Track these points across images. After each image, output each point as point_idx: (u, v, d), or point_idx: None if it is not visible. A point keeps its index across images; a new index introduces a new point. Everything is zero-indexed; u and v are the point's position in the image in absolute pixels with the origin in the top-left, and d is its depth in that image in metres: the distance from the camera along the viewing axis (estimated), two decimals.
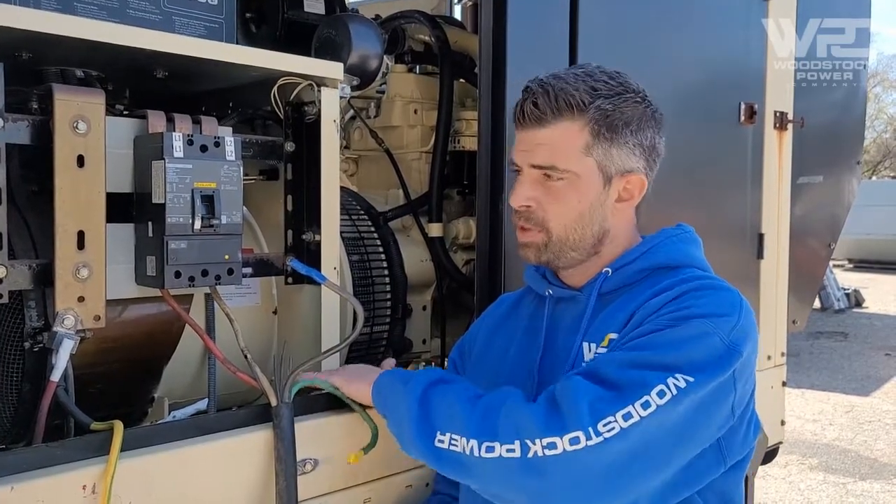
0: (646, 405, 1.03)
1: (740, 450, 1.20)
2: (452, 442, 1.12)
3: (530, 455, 1.04)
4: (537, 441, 1.04)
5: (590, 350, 1.21)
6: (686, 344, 1.08)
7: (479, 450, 1.08)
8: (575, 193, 1.21)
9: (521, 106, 1.22)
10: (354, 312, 1.74)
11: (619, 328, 1.18)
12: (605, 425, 1.02)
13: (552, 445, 1.03)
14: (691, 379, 1.05)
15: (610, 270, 1.25)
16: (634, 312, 1.18)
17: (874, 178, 24.63)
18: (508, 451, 1.06)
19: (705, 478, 1.16)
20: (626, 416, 1.03)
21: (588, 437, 1.02)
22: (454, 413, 1.13)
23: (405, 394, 1.20)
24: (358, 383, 1.32)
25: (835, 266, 14.40)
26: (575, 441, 1.02)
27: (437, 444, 1.13)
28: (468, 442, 1.10)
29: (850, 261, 16.61)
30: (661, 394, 1.04)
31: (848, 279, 13.73)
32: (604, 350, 1.18)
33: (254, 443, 1.27)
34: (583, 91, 1.19)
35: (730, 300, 1.16)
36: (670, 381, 1.04)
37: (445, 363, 2.08)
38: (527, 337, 1.34)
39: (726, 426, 1.13)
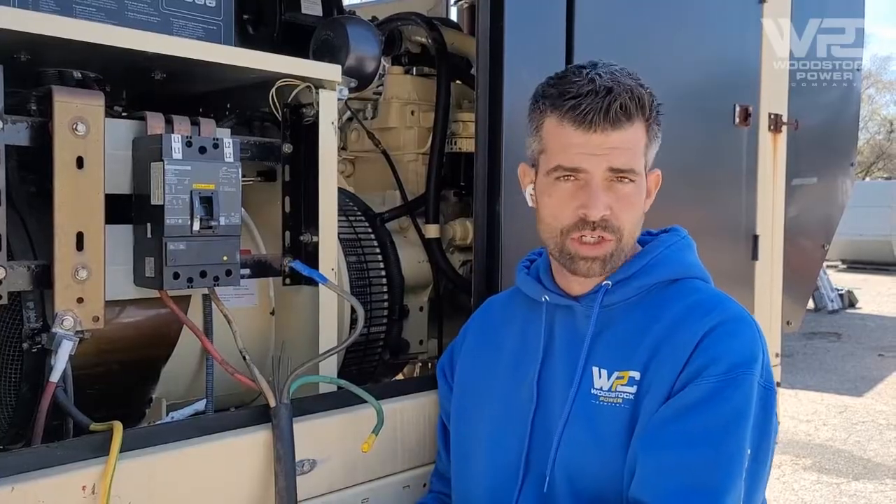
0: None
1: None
2: None
3: None
4: None
5: (600, 376, 1.17)
6: (736, 431, 1.09)
7: None
8: (640, 197, 1.19)
9: (604, 108, 1.12)
10: (353, 314, 1.76)
11: (640, 366, 1.14)
12: None
13: None
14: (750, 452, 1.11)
15: (610, 283, 1.21)
16: (656, 352, 1.14)
17: (867, 179, 24.72)
18: None
19: None
20: None
21: None
22: None
23: None
24: None
25: (828, 267, 14.45)
26: None
27: None
28: None
29: (844, 262, 16.68)
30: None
31: (841, 280, 13.78)
32: (623, 386, 1.14)
33: (252, 443, 1.27)
34: (642, 87, 1.18)
35: (750, 336, 1.15)
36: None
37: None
38: (521, 344, 1.31)
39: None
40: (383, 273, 1.87)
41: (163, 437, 1.20)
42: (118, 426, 1.13)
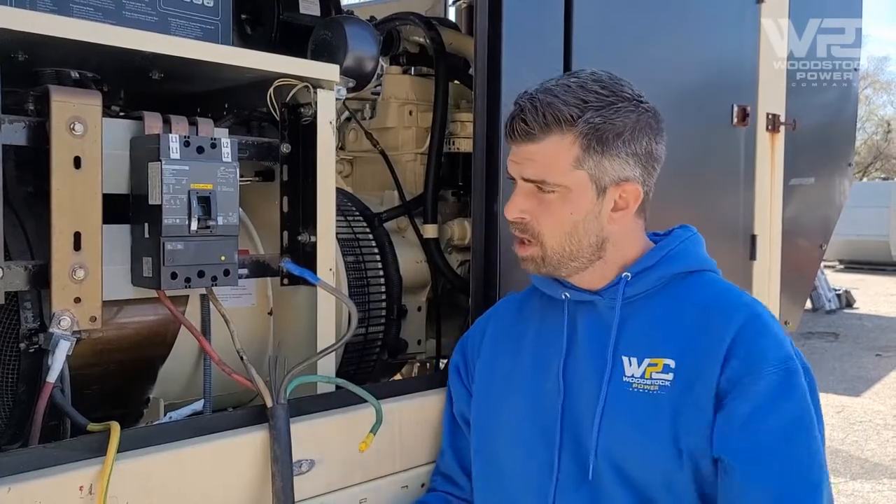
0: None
1: None
2: None
3: None
4: None
5: (630, 364, 1.21)
6: (809, 420, 1.16)
7: None
8: (567, 206, 1.22)
9: (511, 122, 1.23)
10: (349, 313, 1.75)
11: (673, 354, 1.19)
12: None
13: None
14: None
15: (629, 275, 1.25)
16: (690, 341, 1.19)
17: (865, 179, 24.76)
18: None
19: None
20: None
21: None
22: None
23: None
24: None
25: (826, 267, 14.47)
26: None
27: None
28: None
29: (841, 262, 16.70)
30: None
31: (839, 280, 13.80)
32: (658, 373, 1.19)
33: (250, 443, 1.27)
34: (572, 105, 1.19)
35: (777, 325, 1.21)
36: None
37: (444, 365, 2.08)
38: (542, 342, 1.33)
39: None
40: (381, 273, 1.87)
41: (160, 437, 1.20)
42: (115, 426, 1.12)
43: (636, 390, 1.20)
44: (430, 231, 1.99)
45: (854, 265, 16.29)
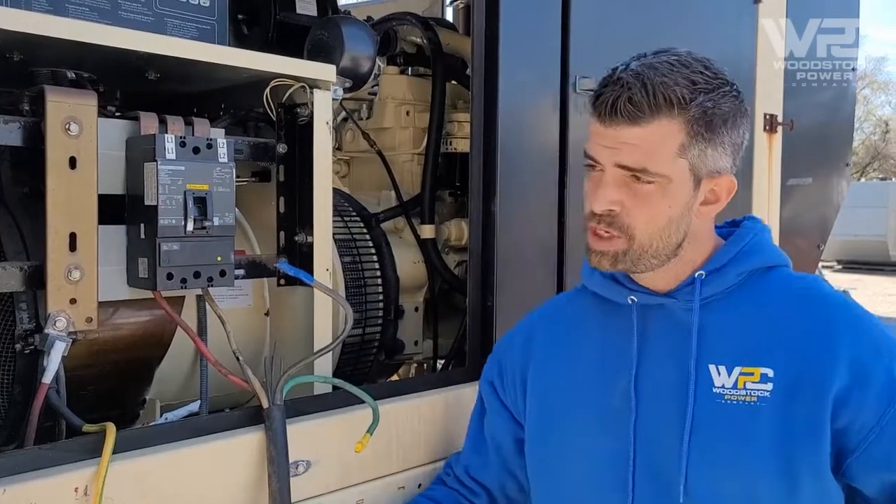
0: None
1: None
2: None
3: None
4: None
5: (719, 373, 1.09)
6: None
7: None
8: (665, 198, 1.08)
9: (612, 99, 1.06)
10: (346, 314, 1.75)
11: (770, 363, 1.07)
12: None
13: None
14: None
15: (704, 274, 1.13)
16: (788, 349, 1.07)
17: (863, 179, 24.80)
18: None
19: None
20: None
21: None
22: None
23: None
24: None
25: (824, 267, 14.48)
26: None
27: None
28: None
29: (839, 262, 16.71)
30: None
31: (837, 280, 13.81)
32: (755, 383, 1.07)
33: (246, 444, 1.27)
34: (682, 85, 1.06)
35: (875, 319, 1.11)
36: None
37: (443, 366, 2.07)
38: (606, 350, 1.20)
39: None
40: (378, 274, 1.87)
41: (156, 438, 1.20)
42: (111, 427, 1.12)
43: (730, 402, 1.07)
44: (427, 231, 1.99)
45: (852, 265, 16.31)
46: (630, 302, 1.17)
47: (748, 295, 1.13)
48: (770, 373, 1.07)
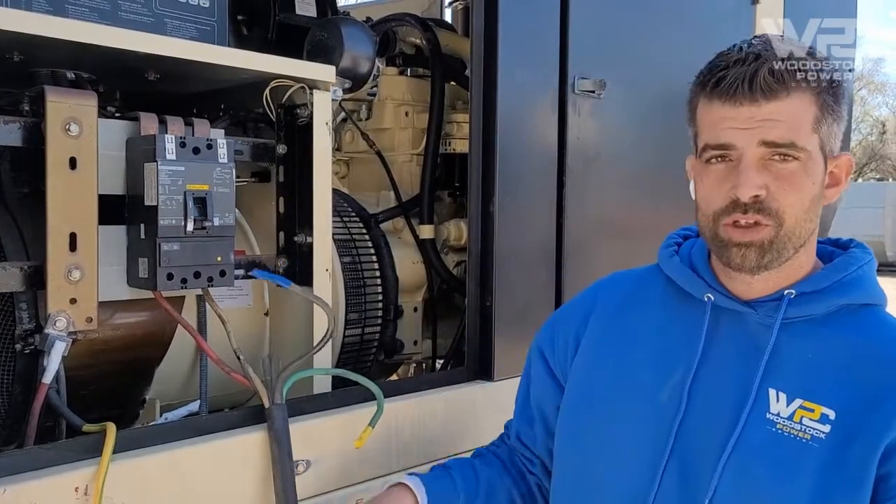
0: None
1: None
2: None
3: None
4: None
5: (777, 400, 1.03)
6: None
7: None
8: (809, 176, 1.01)
9: (749, 75, 1.00)
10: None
11: (834, 403, 1.00)
12: None
13: None
14: None
15: (794, 293, 1.06)
16: (857, 394, 1.00)
17: (860, 180, 24.84)
18: None
19: None
20: None
21: None
22: None
23: None
24: None
25: None
26: None
27: None
28: None
29: None
30: None
31: None
32: (812, 420, 1.00)
33: (247, 444, 1.27)
34: (813, 58, 1.03)
35: None
36: None
37: (443, 364, 2.07)
38: (667, 340, 1.14)
39: None
40: (378, 274, 1.87)
41: (156, 438, 1.20)
42: (111, 427, 1.12)
43: (781, 433, 1.01)
44: (426, 232, 2.00)
45: None
46: (706, 299, 1.11)
47: (834, 327, 1.05)
48: (832, 414, 1.00)
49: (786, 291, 1.06)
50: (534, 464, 1.32)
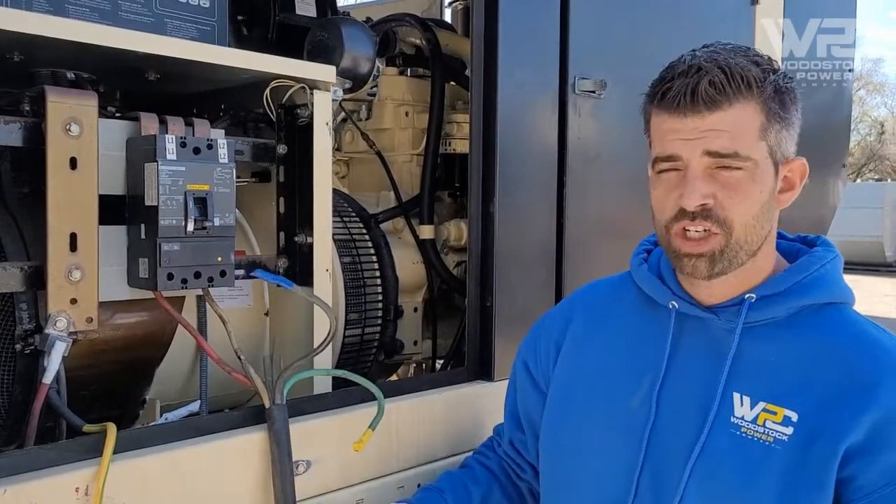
0: None
1: None
2: None
3: None
4: None
5: (741, 403, 1.04)
6: None
7: None
8: (756, 184, 1.03)
9: (691, 88, 1.02)
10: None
11: (797, 406, 1.01)
12: None
13: None
14: None
15: (754, 297, 1.07)
16: (821, 396, 1.00)
17: (858, 180, 24.86)
18: None
19: None
20: None
21: None
22: None
23: None
24: None
25: None
26: None
27: None
28: None
29: None
30: None
31: None
32: (775, 423, 1.01)
33: (248, 444, 1.27)
34: (757, 66, 1.03)
35: None
36: None
37: (445, 364, 2.07)
38: (637, 346, 1.16)
39: None
40: (378, 274, 1.87)
41: (157, 438, 1.20)
42: (112, 427, 1.12)
43: (745, 436, 1.03)
44: (426, 232, 2.00)
45: (848, 266, 16.12)
46: (671, 307, 1.13)
47: (796, 329, 1.06)
48: (794, 416, 1.01)
49: (746, 296, 1.07)
50: (525, 470, 1.34)
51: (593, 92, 1.87)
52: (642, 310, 1.18)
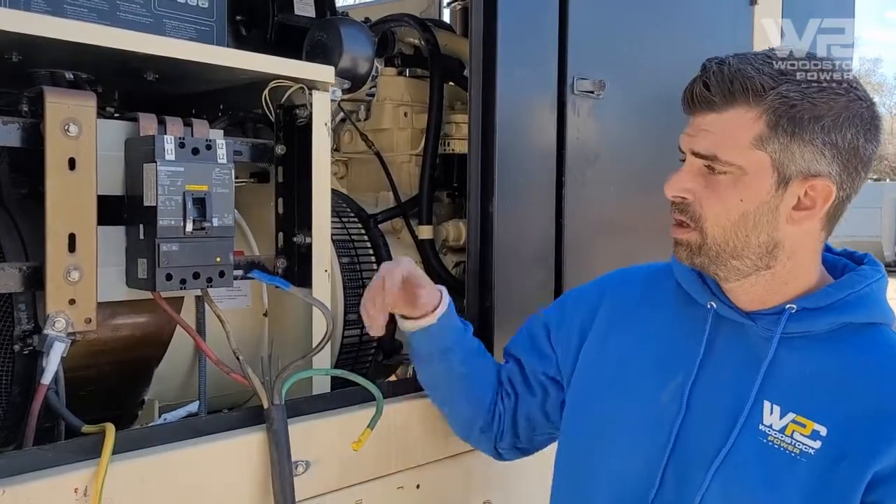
0: None
1: None
2: None
3: None
4: None
5: (771, 412, 1.04)
6: None
7: None
8: (737, 191, 1.03)
9: (691, 86, 1.06)
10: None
11: (827, 420, 1.01)
12: None
13: None
14: None
15: (795, 308, 1.06)
16: (852, 414, 1.00)
17: None
18: None
19: None
20: None
21: None
22: None
23: None
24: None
25: None
26: None
27: None
28: None
29: None
30: None
31: None
32: (803, 436, 1.01)
33: (247, 445, 1.27)
34: (766, 74, 1.02)
35: None
36: None
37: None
38: (671, 341, 1.16)
39: None
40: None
41: (155, 439, 1.20)
42: (110, 428, 1.12)
43: (771, 444, 1.03)
44: (425, 232, 1.99)
45: None
46: (709, 307, 1.13)
47: (835, 345, 1.05)
48: (823, 431, 1.01)
49: (787, 306, 1.07)
50: (510, 396, 1.39)
51: (592, 92, 1.87)
52: (679, 304, 1.19)
